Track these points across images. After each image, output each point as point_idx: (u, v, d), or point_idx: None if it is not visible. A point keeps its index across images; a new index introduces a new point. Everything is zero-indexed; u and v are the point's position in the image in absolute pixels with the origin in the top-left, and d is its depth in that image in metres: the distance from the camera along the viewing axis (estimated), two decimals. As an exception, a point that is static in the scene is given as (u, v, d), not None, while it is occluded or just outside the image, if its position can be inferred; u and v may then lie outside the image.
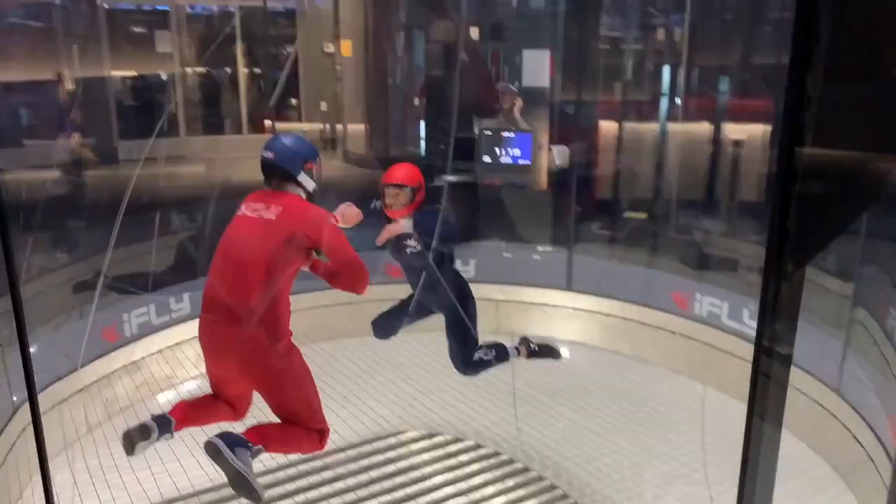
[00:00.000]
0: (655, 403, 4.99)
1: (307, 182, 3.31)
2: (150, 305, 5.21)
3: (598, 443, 4.53)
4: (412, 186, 3.92)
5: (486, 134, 6.22)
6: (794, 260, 1.91)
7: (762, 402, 2.21)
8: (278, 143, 3.29)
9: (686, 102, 6.55)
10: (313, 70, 11.76)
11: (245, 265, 3.16)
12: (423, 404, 5.03)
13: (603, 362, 5.60)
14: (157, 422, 3.22)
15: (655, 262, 6.04)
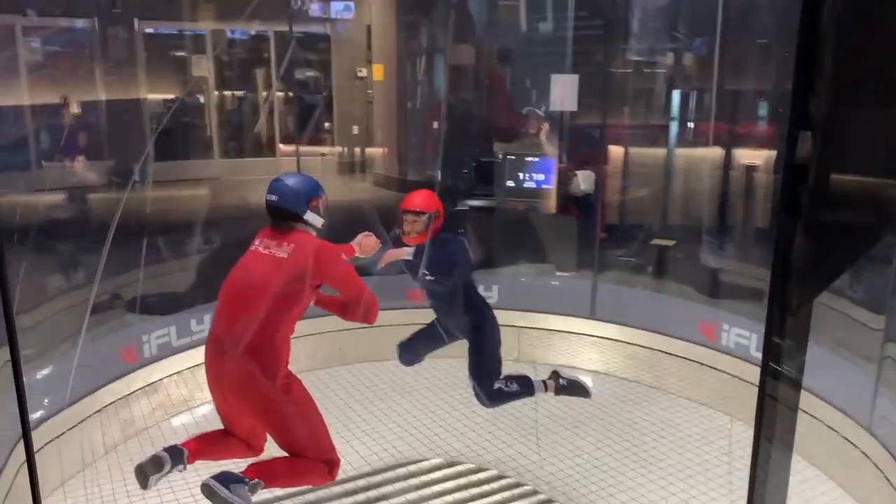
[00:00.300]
0: (681, 436, 4.83)
1: (314, 220, 3.32)
2: (170, 327, 5.21)
3: (623, 475, 4.39)
4: (429, 213, 3.90)
5: (510, 158, 6.17)
6: (800, 295, 1.80)
7: (769, 435, 2.08)
8: (281, 185, 3.27)
9: (709, 128, 6.44)
10: (346, 94, 11.87)
11: (250, 300, 3.17)
12: (443, 431, 4.94)
13: (626, 393, 5.45)
14: (170, 453, 3.22)
15: (681, 291, 5.90)
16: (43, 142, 9.97)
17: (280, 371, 3.20)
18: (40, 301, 4.86)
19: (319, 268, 3.16)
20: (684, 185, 6.58)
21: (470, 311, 4.15)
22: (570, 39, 6.45)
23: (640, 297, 5.92)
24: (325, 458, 3.33)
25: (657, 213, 6.68)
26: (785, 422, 2.11)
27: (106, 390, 4.74)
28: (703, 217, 6.32)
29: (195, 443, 3.37)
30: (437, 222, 3.95)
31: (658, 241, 6.20)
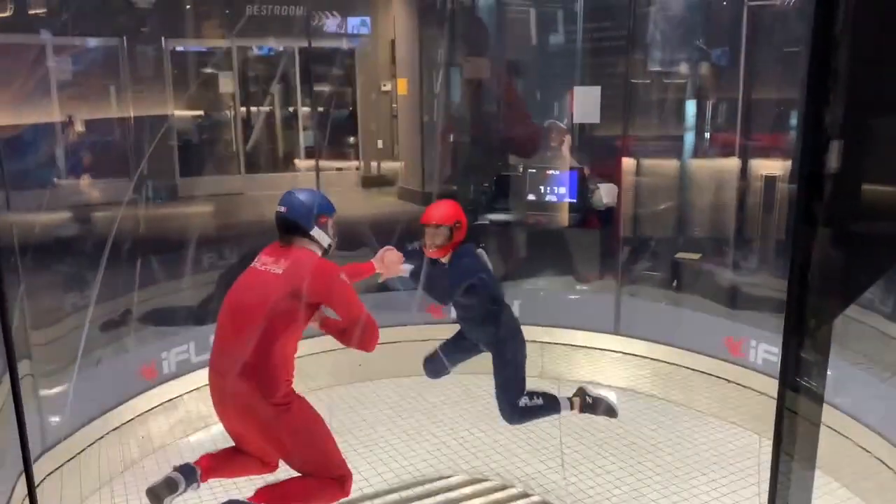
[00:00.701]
0: (708, 456, 4.69)
1: (321, 237, 3.27)
2: (189, 343, 5.21)
3: (647, 497, 4.28)
4: (449, 226, 3.82)
5: (531, 171, 6.09)
6: (818, 315, 1.71)
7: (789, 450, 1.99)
8: (292, 198, 3.25)
9: (733, 139, 6.31)
10: (370, 108, 11.90)
11: (244, 317, 3.12)
12: (463, 449, 4.87)
13: (652, 410, 5.33)
14: (182, 472, 3.19)
15: (707, 305, 5.77)
16: (71, 160, 10.12)
17: (278, 390, 3.12)
18: (57, 318, 4.89)
19: (315, 286, 3.09)
20: (708, 196, 6.45)
21: (496, 324, 4.05)
22: (582, 51, 6.38)
23: (665, 311, 5.80)
24: (335, 474, 3.26)
25: (681, 225, 6.55)
26: (807, 438, 2.03)
27: (125, 407, 4.74)
28: (728, 229, 6.18)
29: (208, 460, 3.33)
30: (459, 234, 3.88)
31: (683, 254, 6.08)
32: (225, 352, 3.15)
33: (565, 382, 5.65)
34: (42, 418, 4.19)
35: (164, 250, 6.40)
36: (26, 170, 9.51)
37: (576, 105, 6.53)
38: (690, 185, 6.56)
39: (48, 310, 4.95)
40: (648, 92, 6.63)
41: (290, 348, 3.19)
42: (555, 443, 4.76)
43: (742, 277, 5.97)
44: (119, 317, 5.18)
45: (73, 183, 7.96)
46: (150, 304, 5.70)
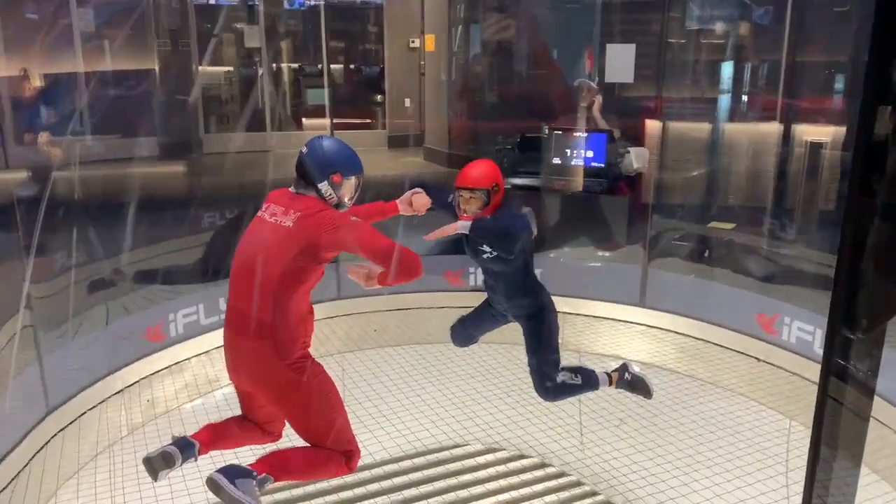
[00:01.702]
0: (733, 436, 4.46)
1: (329, 194, 3.02)
2: (199, 305, 5.08)
3: (669, 473, 4.08)
4: (487, 188, 3.52)
5: (556, 133, 5.79)
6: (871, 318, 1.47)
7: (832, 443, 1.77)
8: (316, 142, 3.04)
9: (776, 103, 5.94)
10: (399, 66, 11.59)
11: (256, 274, 2.93)
12: (480, 419, 4.69)
13: (677, 387, 5.09)
14: (180, 446, 3.04)
15: (738, 279, 5.49)
16: (95, 114, 10.01)
17: (294, 352, 2.97)
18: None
19: (326, 236, 2.88)
20: (745, 162, 6.12)
21: (528, 295, 3.79)
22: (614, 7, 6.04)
23: (694, 284, 5.53)
24: (343, 448, 3.10)
25: (715, 193, 6.24)
26: (852, 430, 1.79)
27: (130, 370, 4.65)
28: (766, 198, 5.86)
29: (207, 433, 3.18)
30: (497, 197, 3.57)
31: (716, 224, 5.77)
32: (238, 309, 2.99)
33: (586, 355, 5.45)
34: (43, 371, 4.11)
35: (183, 207, 6.29)
36: (54, 122, 9.45)
37: (608, 63, 6.22)
38: (727, 151, 6.24)
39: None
40: (684, 51, 6.27)
41: (304, 306, 3.02)
42: (574, 416, 4.58)
43: (779, 250, 5.67)
44: (121, 274, 5.05)
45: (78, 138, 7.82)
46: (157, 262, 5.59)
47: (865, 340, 1.67)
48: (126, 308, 4.98)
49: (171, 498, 3.82)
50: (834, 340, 1.64)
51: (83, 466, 4.08)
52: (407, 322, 5.89)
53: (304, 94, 11.93)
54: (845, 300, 1.58)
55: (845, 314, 1.61)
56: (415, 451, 4.30)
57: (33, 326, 4.07)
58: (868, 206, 1.48)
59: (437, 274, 5.87)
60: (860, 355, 1.68)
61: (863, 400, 1.80)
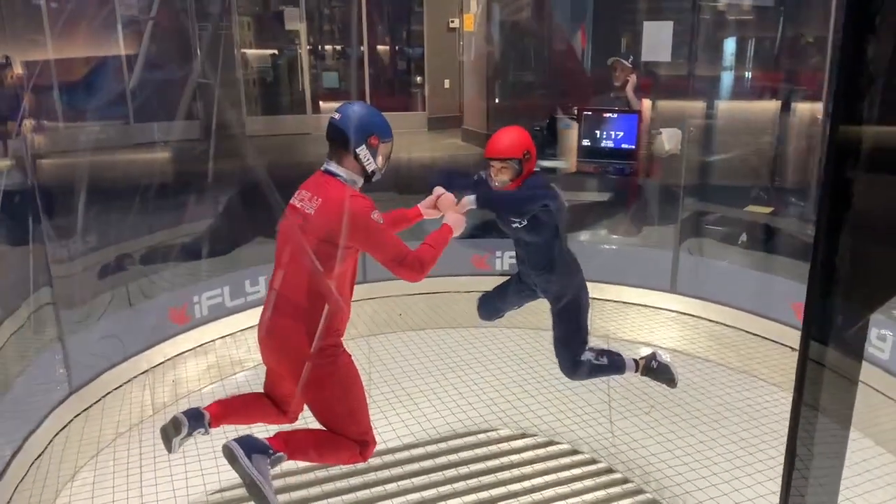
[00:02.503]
0: (764, 426, 4.29)
1: (367, 159, 2.98)
2: (224, 287, 5.12)
3: (701, 463, 3.96)
4: (518, 158, 3.42)
5: (586, 114, 5.64)
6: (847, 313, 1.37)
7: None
8: (349, 108, 3.00)
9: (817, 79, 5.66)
10: (438, 46, 11.48)
11: (290, 260, 2.99)
12: (509, 405, 4.61)
13: (708, 375, 4.93)
14: (189, 415, 3.09)
15: (776, 265, 5.28)
16: (137, 97, 10.18)
17: (327, 337, 2.97)
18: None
19: (346, 229, 2.86)
20: (785, 143, 5.87)
21: (556, 271, 3.70)
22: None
23: (728, 270, 5.34)
24: (358, 438, 3.10)
25: (753, 175, 6.00)
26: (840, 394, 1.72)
27: (154, 351, 4.71)
28: (806, 180, 5.61)
29: (219, 407, 3.22)
30: (529, 164, 3.46)
31: (753, 207, 5.56)
32: (276, 291, 3.04)
33: (615, 341, 5.33)
34: (66, 349, 4.18)
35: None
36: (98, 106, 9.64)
37: (645, 41, 6.02)
38: (765, 131, 5.99)
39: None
40: (720, 27, 6.04)
41: (342, 292, 3.02)
42: (604, 404, 4.48)
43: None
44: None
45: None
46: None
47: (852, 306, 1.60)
48: (146, 291, 5.04)
49: (185, 476, 3.86)
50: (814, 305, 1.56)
51: (104, 447, 4.15)
52: (433, 306, 5.85)
53: (321, 78, 11.87)
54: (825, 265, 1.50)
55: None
56: (441, 436, 4.26)
57: (55, 304, 4.15)
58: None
59: (464, 258, 5.80)
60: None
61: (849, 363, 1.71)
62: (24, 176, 4.06)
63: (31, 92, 4.84)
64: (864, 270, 1.47)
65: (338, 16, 12.41)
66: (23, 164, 4.06)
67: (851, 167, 1.38)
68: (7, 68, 4.54)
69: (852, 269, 1.47)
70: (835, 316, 1.50)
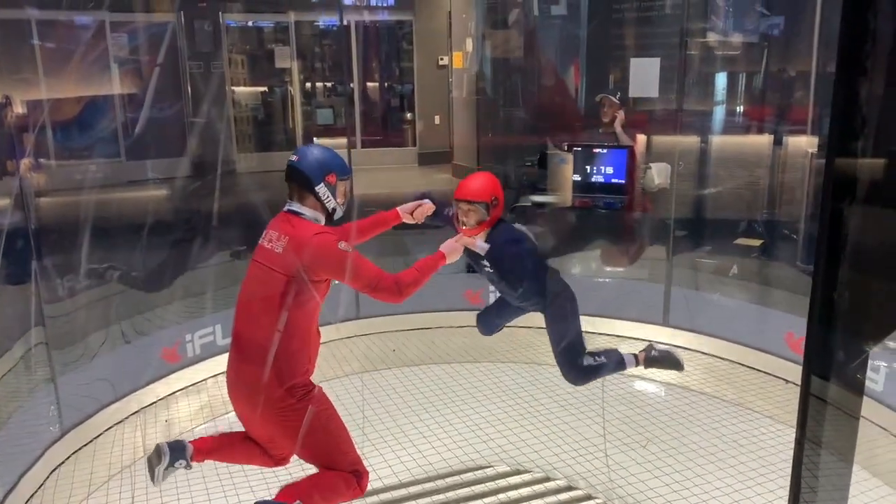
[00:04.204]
0: (761, 459, 4.26)
1: (326, 197, 3.06)
2: (215, 326, 5.09)
3: (700, 497, 3.94)
4: (486, 202, 3.50)
5: (577, 150, 5.70)
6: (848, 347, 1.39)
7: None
8: (305, 150, 3.10)
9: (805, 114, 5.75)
10: (428, 83, 11.62)
11: (254, 302, 3.00)
12: (505, 441, 4.58)
13: (703, 408, 4.92)
14: (171, 446, 3.11)
15: (768, 297, 5.31)
16: (129, 134, 10.22)
17: (295, 376, 2.97)
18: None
19: (310, 262, 2.91)
20: (774, 176, 5.94)
21: (534, 294, 3.78)
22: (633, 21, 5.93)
23: (720, 302, 5.37)
24: (351, 469, 3.09)
25: (742, 208, 6.06)
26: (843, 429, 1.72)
27: (145, 391, 4.66)
28: (797, 213, 5.67)
29: (205, 442, 3.24)
30: (496, 210, 3.56)
31: (743, 240, 5.61)
32: (240, 334, 3.06)
33: (610, 375, 5.30)
34: (57, 390, 4.14)
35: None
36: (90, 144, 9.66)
37: (632, 77, 6.12)
38: (754, 164, 6.07)
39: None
40: (707, 63, 6.14)
41: (306, 331, 3.03)
42: (599, 438, 4.46)
43: (808, 266, 5.47)
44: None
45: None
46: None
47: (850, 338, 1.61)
48: (138, 328, 5.02)
49: (179, 520, 3.81)
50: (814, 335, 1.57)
51: (96, 489, 4.08)
52: (427, 341, 5.83)
53: (315, 115, 11.98)
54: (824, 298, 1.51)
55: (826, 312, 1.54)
56: (437, 473, 4.22)
57: (46, 344, 4.12)
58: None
59: (457, 293, 5.81)
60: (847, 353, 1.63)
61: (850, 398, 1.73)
62: (21, 215, 4.06)
63: (31, 131, 4.88)
64: (864, 304, 1.49)
65: (328, 53, 12.54)
66: (19, 203, 4.07)
67: (849, 201, 1.41)
68: (6, 108, 4.57)
69: (852, 303, 1.49)
70: (835, 350, 1.51)
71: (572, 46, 7.41)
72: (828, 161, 1.41)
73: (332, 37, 12.38)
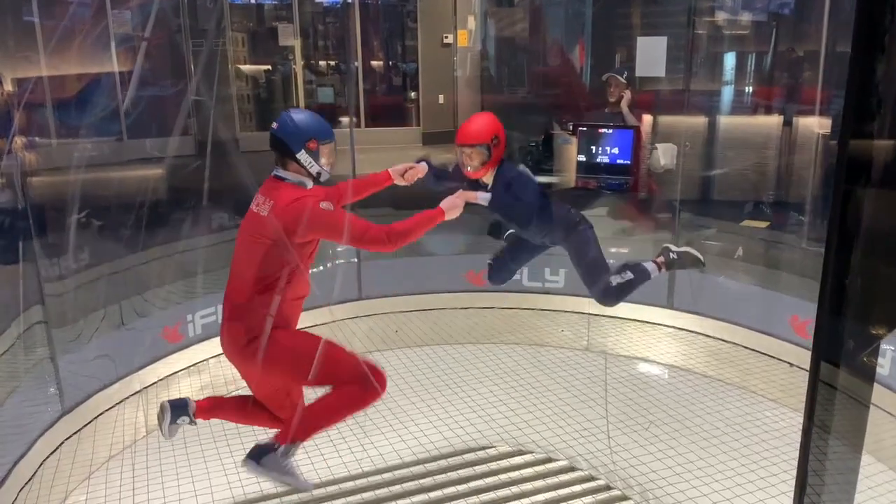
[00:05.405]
0: (764, 443, 4.24)
1: (309, 163, 3.07)
2: (217, 306, 5.05)
3: (699, 479, 3.92)
4: (486, 143, 3.53)
5: (582, 130, 5.63)
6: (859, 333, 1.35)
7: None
8: (285, 115, 3.11)
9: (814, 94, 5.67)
10: (432, 62, 11.49)
11: (240, 265, 3.10)
12: (507, 421, 4.57)
13: (706, 391, 4.90)
14: (173, 404, 3.26)
15: (772, 279, 5.26)
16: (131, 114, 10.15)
17: (262, 331, 3.01)
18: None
19: (293, 224, 2.94)
20: (782, 158, 5.87)
21: (550, 221, 3.85)
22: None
23: (724, 285, 5.32)
24: (354, 377, 3.08)
25: (749, 189, 6.00)
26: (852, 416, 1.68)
27: (147, 371, 4.65)
28: (804, 195, 5.61)
29: (206, 401, 3.38)
30: (498, 150, 3.59)
31: (749, 222, 5.55)
32: (227, 293, 3.15)
33: (612, 356, 5.30)
34: (57, 370, 4.13)
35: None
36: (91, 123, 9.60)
37: (639, 57, 6.03)
38: (761, 145, 6.00)
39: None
40: (714, 42, 6.05)
41: (290, 291, 3.08)
42: (602, 420, 4.44)
43: (815, 248, 5.42)
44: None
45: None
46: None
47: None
48: (139, 310, 4.99)
49: (178, 499, 3.80)
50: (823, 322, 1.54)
51: (96, 469, 4.08)
52: (429, 322, 5.81)
53: (316, 93, 11.87)
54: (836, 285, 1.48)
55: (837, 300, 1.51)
56: (440, 454, 4.22)
57: (46, 323, 4.10)
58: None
59: (459, 274, 5.77)
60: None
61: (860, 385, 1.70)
62: (14, 194, 4.03)
63: (23, 109, 4.81)
64: (876, 289, 1.45)
65: (332, 32, 12.41)
66: (12, 182, 4.04)
67: (862, 183, 1.36)
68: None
69: (863, 288, 1.45)
70: (846, 336, 1.47)
71: (577, 25, 7.32)
72: (841, 142, 1.36)
73: (334, 14, 12.25)
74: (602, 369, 5.12)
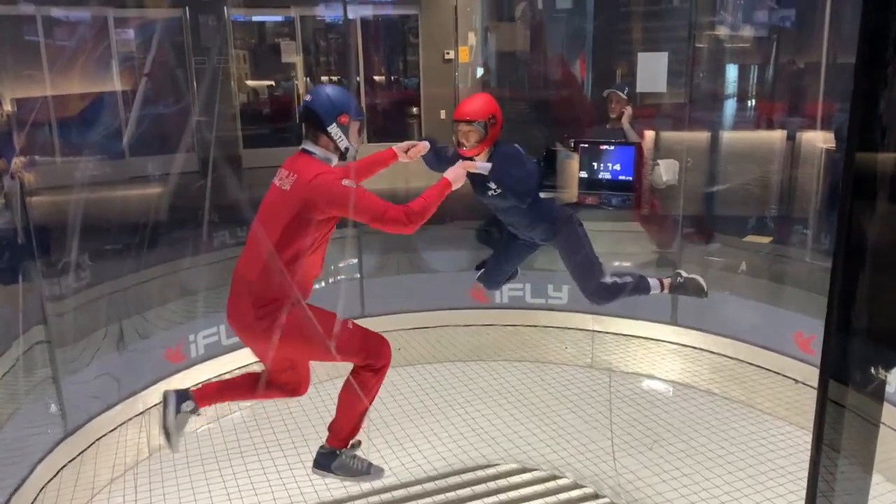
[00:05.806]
0: (770, 462, 4.20)
1: (339, 137, 3.11)
2: (219, 326, 5.05)
3: (707, 499, 3.90)
4: (483, 121, 3.56)
5: (583, 146, 5.61)
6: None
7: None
8: (319, 90, 3.17)
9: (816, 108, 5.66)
10: (434, 77, 11.53)
11: (257, 241, 3.10)
12: (506, 440, 4.55)
13: (711, 408, 4.86)
14: (177, 392, 3.25)
15: (776, 295, 5.23)
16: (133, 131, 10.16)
17: (279, 300, 3.02)
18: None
19: (315, 199, 2.96)
20: (785, 173, 5.85)
21: (544, 218, 3.88)
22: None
23: (728, 301, 5.28)
24: (368, 354, 3.24)
25: (752, 204, 5.97)
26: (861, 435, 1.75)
27: (149, 392, 4.62)
28: (807, 210, 5.58)
29: (207, 386, 3.42)
30: (495, 129, 3.62)
31: (752, 237, 5.52)
32: (239, 269, 3.15)
33: (618, 374, 5.26)
34: (60, 391, 4.11)
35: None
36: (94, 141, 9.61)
37: (640, 72, 6.03)
38: (764, 160, 5.98)
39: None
40: (716, 57, 6.05)
41: (307, 267, 3.11)
42: (606, 439, 4.40)
43: (819, 263, 5.39)
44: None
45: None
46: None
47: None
48: (141, 330, 4.98)
49: (180, 523, 3.77)
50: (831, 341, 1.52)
51: (99, 492, 4.05)
52: (431, 340, 5.79)
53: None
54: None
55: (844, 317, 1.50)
56: (441, 473, 4.20)
57: (49, 343, 4.10)
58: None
59: (462, 291, 5.76)
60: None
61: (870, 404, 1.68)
62: (14, 215, 4.03)
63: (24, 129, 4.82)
64: (884, 304, 1.43)
65: (334, 48, 12.46)
66: (12, 203, 4.04)
67: (869, 197, 1.35)
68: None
69: (871, 303, 1.43)
70: (853, 353, 1.46)
71: (578, 40, 7.33)
72: (847, 156, 1.35)
73: (336, 31, 12.30)
74: (606, 387, 5.09)
